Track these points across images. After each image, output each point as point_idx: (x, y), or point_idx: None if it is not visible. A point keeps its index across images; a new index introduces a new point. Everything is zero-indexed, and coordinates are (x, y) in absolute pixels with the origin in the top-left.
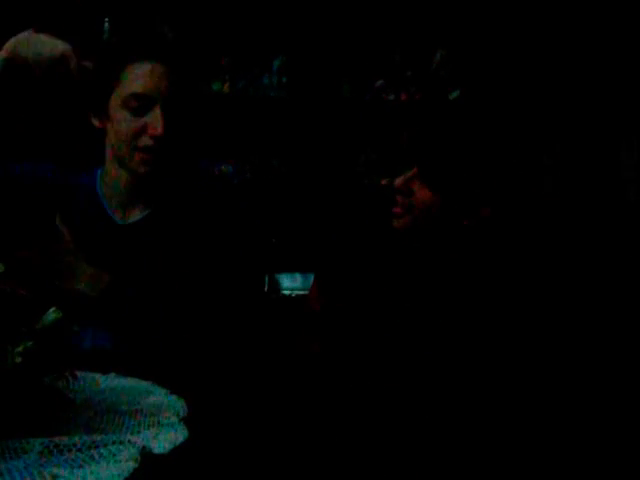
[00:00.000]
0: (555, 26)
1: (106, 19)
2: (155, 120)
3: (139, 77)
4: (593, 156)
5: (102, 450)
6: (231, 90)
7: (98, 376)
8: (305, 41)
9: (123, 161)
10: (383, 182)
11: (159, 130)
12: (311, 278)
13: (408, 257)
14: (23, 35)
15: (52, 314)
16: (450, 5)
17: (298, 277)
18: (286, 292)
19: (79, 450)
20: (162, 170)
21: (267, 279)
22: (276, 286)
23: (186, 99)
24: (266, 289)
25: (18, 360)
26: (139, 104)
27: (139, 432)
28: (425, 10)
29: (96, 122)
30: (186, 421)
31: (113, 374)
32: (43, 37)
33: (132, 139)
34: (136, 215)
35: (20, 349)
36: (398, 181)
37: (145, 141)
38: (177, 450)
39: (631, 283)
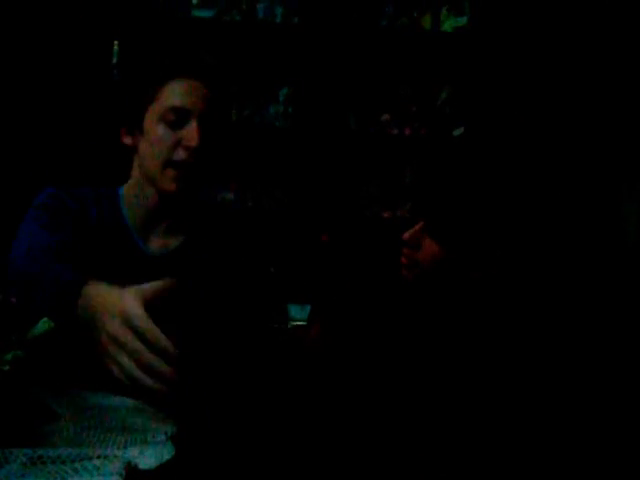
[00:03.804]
0: (560, 65)
1: (115, 42)
2: (191, 133)
3: (177, 92)
4: (595, 199)
5: (87, 463)
6: (236, 118)
7: (87, 393)
8: (312, 72)
9: (153, 178)
10: (385, 215)
11: (194, 142)
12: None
13: (415, 306)
14: None
15: (42, 325)
16: (458, 42)
17: (292, 308)
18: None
19: (63, 462)
20: (190, 192)
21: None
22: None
23: (221, 119)
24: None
25: (6, 368)
26: (176, 117)
27: (125, 448)
28: (433, 46)
29: (128, 140)
30: (174, 439)
31: (102, 392)
32: None
33: (167, 152)
34: (158, 244)
35: (9, 357)
36: (406, 234)
37: (179, 154)
38: (163, 467)
39: (631, 322)
